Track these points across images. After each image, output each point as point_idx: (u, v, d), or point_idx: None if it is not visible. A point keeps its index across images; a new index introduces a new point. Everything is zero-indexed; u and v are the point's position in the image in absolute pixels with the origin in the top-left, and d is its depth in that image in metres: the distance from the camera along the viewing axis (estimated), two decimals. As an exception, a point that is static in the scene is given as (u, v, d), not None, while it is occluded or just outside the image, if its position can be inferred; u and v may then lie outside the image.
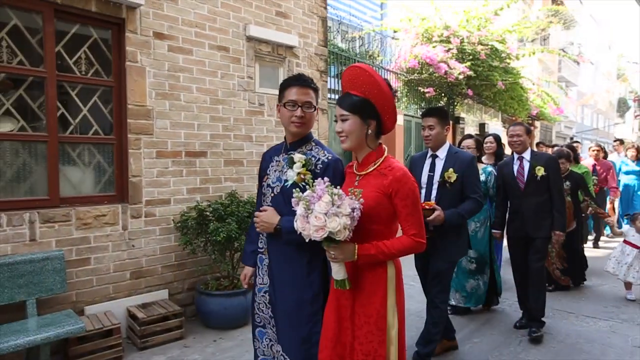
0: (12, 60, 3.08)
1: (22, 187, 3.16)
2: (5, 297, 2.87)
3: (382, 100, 1.76)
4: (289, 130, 1.99)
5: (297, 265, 1.93)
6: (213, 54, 4.06)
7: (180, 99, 3.85)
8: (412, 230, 1.72)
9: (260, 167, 2.17)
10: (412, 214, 1.72)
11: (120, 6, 3.44)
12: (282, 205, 1.91)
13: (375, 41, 9.08)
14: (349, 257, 1.68)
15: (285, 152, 2.03)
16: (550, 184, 3.57)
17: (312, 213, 1.58)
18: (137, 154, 3.59)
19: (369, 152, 1.82)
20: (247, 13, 4.31)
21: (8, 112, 3.11)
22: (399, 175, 1.72)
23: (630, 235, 4.60)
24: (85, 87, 3.43)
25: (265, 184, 2.05)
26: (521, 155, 3.68)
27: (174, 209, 3.83)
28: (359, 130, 1.78)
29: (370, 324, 1.73)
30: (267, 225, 1.92)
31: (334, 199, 1.58)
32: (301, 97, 1.93)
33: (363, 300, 1.76)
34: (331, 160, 1.94)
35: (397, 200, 1.72)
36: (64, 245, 3.22)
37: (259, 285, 2.08)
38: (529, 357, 3.22)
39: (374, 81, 1.73)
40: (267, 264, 2.03)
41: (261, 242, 2.08)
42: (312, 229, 1.58)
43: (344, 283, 1.72)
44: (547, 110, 13.10)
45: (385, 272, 1.76)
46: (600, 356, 3.22)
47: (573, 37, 24.95)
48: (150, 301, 3.63)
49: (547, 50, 11.71)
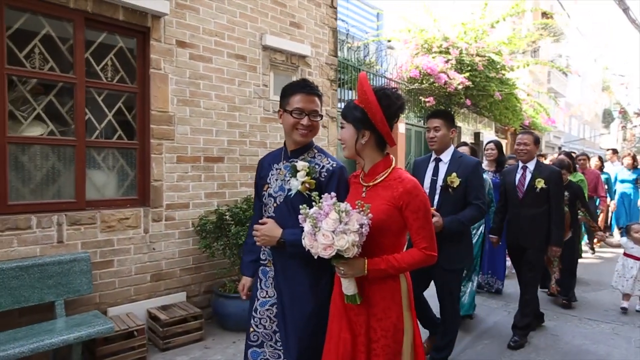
0: (44, 67, 3.16)
1: (50, 190, 3.22)
2: (35, 298, 2.92)
3: (371, 110, 1.70)
4: (292, 138, 1.93)
5: (305, 276, 1.87)
6: (231, 62, 4.18)
7: (200, 106, 3.95)
8: (423, 244, 1.69)
9: (257, 174, 2.10)
10: (423, 227, 1.69)
11: (146, 15, 3.54)
12: (286, 216, 1.86)
13: (376, 51, 9.29)
14: (359, 272, 1.65)
15: (286, 159, 1.97)
16: (550, 197, 3.53)
17: (319, 231, 1.55)
18: (159, 158, 3.68)
19: (376, 162, 1.77)
20: (263, 23, 4.44)
21: (38, 116, 3.18)
22: (410, 187, 1.69)
23: (629, 248, 4.52)
24: (111, 93, 3.51)
25: (266, 194, 1.97)
26: (525, 164, 3.66)
27: (192, 213, 3.91)
28: (352, 139, 1.75)
29: (387, 338, 1.71)
30: (268, 239, 1.85)
31: (342, 216, 1.54)
32: (308, 105, 1.87)
33: (379, 314, 1.73)
34: (336, 168, 1.90)
35: (407, 213, 1.68)
36: (89, 247, 3.28)
37: (260, 299, 1.98)
38: (539, 357, 3.36)
39: (362, 90, 1.70)
40: (272, 276, 1.96)
41: (263, 254, 2.01)
42: (320, 247, 1.55)
43: (354, 298, 1.69)
44: (539, 120, 13.43)
45: (398, 285, 1.74)
46: (606, 357, 3.37)
47: (561, 50, 25.59)
48: (169, 303, 3.70)
49: (541, 62, 12.06)
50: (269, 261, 1.97)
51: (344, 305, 1.77)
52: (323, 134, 5.17)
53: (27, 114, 3.10)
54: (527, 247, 3.56)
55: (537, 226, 3.54)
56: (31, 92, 3.12)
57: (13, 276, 2.84)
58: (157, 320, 3.45)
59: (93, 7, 3.25)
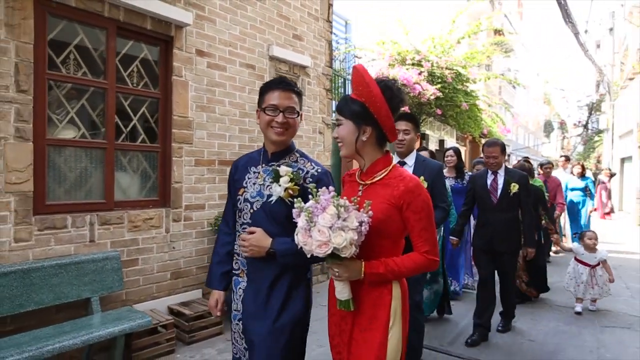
0: (77, 72, 3.27)
1: (82, 190, 3.32)
2: (74, 294, 3.03)
3: (374, 104, 1.57)
4: (269, 138, 1.81)
5: (281, 284, 1.76)
6: (242, 71, 4.42)
7: (216, 112, 4.16)
8: (425, 247, 1.55)
9: (231, 176, 1.95)
10: (426, 229, 1.55)
11: (170, 25, 3.72)
12: (265, 223, 1.75)
13: (344, 60, 9.80)
14: (355, 275, 1.52)
15: (265, 163, 1.85)
16: (521, 200, 3.70)
17: (314, 226, 1.43)
18: (179, 161, 3.85)
19: (375, 160, 1.64)
20: (270, 35, 4.72)
21: (70, 120, 3.28)
22: (412, 186, 1.56)
23: (580, 254, 4.66)
24: (136, 98, 3.66)
25: (241, 198, 1.83)
26: (496, 171, 3.77)
27: (207, 214, 4.10)
28: (352, 136, 1.61)
29: (370, 353, 1.53)
30: (257, 249, 1.72)
31: (340, 211, 1.43)
32: (283, 102, 1.76)
33: (363, 324, 1.58)
34: (321, 174, 1.80)
35: (409, 214, 1.54)
36: (117, 246, 3.41)
37: (233, 312, 1.85)
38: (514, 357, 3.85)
39: (363, 81, 1.56)
40: (243, 288, 1.82)
41: (236, 263, 1.86)
42: (314, 244, 1.42)
43: (348, 304, 1.56)
44: (495, 129, 14.48)
45: (389, 292, 1.57)
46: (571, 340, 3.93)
47: (510, 64, 27.49)
48: (187, 300, 3.87)
49: (504, 77, 13.10)
50: (242, 271, 1.83)
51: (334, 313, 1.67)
52: (319, 139, 5.50)
53: (62, 117, 3.20)
54: (502, 252, 3.67)
55: (511, 230, 3.69)
56: (65, 96, 3.22)
57: (53, 274, 2.94)
58: (180, 315, 3.61)
59: (124, 17, 3.40)
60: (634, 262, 7.31)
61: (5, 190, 2.81)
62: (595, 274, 4.51)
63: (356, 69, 1.59)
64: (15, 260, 2.86)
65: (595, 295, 4.56)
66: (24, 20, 2.86)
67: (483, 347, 3.64)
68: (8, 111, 2.81)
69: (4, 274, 2.73)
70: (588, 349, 3.65)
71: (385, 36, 10.26)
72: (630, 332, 4.09)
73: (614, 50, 18.43)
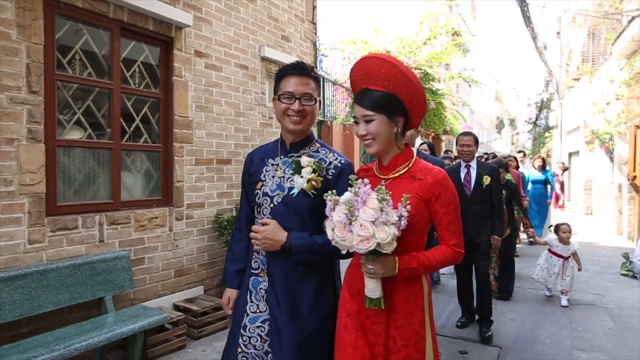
0: (83, 73, 3.26)
1: (90, 191, 3.32)
2: (88, 294, 3.05)
3: (411, 95, 1.54)
4: (285, 127, 1.71)
5: (307, 288, 1.68)
6: (237, 71, 4.51)
7: (213, 112, 4.24)
8: (453, 240, 1.54)
9: (246, 171, 1.85)
10: (453, 222, 1.54)
11: (171, 26, 3.77)
12: (287, 217, 1.66)
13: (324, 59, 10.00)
14: (390, 271, 1.47)
15: (284, 154, 1.76)
16: (492, 192, 3.83)
17: (356, 220, 1.37)
18: (181, 161, 3.91)
19: (398, 152, 1.60)
20: (261, 36, 4.83)
21: (76, 120, 3.27)
22: (441, 178, 1.53)
23: (554, 246, 4.81)
24: (138, 98, 3.68)
25: (259, 192, 1.73)
26: (469, 163, 3.88)
27: (207, 212, 4.18)
28: (387, 131, 1.55)
29: (409, 347, 1.53)
30: (271, 242, 1.63)
31: (383, 205, 1.37)
32: (300, 88, 1.65)
33: (400, 321, 1.55)
34: (345, 165, 1.71)
35: (437, 207, 1.52)
36: (125, 245, 3.44)
37: (250, 314, 1.71)
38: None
39: (400, 73, 1.51)
40: (265, 288, 1.71)
41: (256, 262, 1.75)
42: (355, 240, 1.36)
43: (379, 302, 1.50)
44: (457, 126, 15.19)
45: (421, 288, 1.58)
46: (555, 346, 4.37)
47: (466, 64, 28.77)
48: (191, 297, 3.94)
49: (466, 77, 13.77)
50: (262, 270, 1.73)
51: (358, 312, 1.59)
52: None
53: (68, 118, 3.19)
54: (479, 242, 3.78)
55: (486, 220, 3.81)
56: (72, 97, 3.20)
57: (68, 274, 2.95)
58: (187, 311, 3.69)
59: (128, 18, 3.42)
60: (587, 247, 8.01)
61: (20, 192, 2.79)
62: (567, 266, 4.69)
63: (387, 61, 1.51)
64: (30, 262, 2.85)
65: (565, 287, 4.69)
66: (35, 20, 2.84)
67: (472, 328, 3.98)
68: (21, 112, 2.79)
69: (22, 275, 2.72)
70: (562, 324, 4.08)
71: (355, 36, 10.55)
72: (594, 308, 4.58)
73: (561, 53, 19.78)
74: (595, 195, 12.87)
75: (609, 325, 4.11)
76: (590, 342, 3.69)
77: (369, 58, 1.54)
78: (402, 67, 1.51)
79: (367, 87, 1.57)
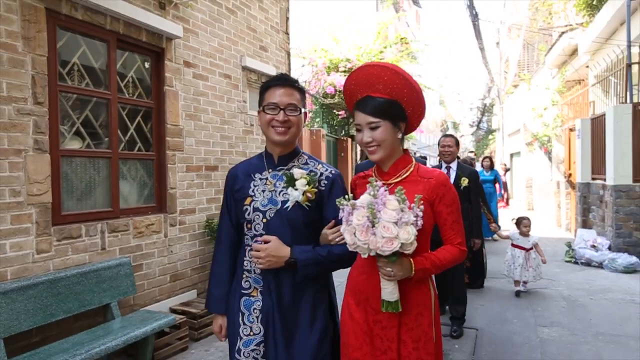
0: (82, 83, 3.30)
1: (91, 199, 3.36)
2: (95, 300, 3.10)
3: (413, 100, 1.58)
4: (270, 138, 1.69)
5: (303, 302, 1.66)
6: (221, 80, 4.66)
7: (201, 120, 4.37)
8: (458, 239, 1.58)
9: (229, 188, 1.79)
10: (457, 221, 1.59)
11: (162, 37, 3.87)
12: (281, 231, 1.63)
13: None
14: (407, 273, 1.48)
15: (272, 168, 1.73)
16: (471, 194, 3.99)
17: (379, 222, 1.38)
18: (173, 168, 4.01)
19: (399, 157, 1.64)
20: (242, 46, 5.01)
21: (75, 131, 3.30)
22: (443, 179, 1.58)
23: (516, 239, 5.07)
24: (132, 108, 3.75)
25: (249, 208, 1.68)
26: (449, 165, 4.06)
27: (198, 217, 4.30)
28: (392, 137, 1.58)
29: (419, 350, 1.54)
30: (275, 260, 1.59)
31: (403, 206, 1.39)
32: (284, 99, 1.65)
33: (410, 323, 1.55)
34: (335, 175, 1.73)
35: (442, 207, 1.56)
36: (125, 252, 3.50)
37: (244, 338, 1.66)
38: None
39: (402, 80, 1.54)
40: (259, 308, 1.66)
41: (246, 281, 1.70)
42: (380, 242, 1.37)
43: (397, 305, 1.50)
44: (409, 130, 16.01)
45: (429, 289, 1.61)
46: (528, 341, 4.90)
47: (413, 70, 30.15)
48: (186, 301, 4.04)
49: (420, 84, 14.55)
50: (255, 289, 1.68)
51: (366, 320, 1.59)
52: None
53: (68, 128, 3.22)
54: None
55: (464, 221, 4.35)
56: (71, 107, 3.24)
57: (76, 282, 2.99)
58: (185, 314, 3.79)
59: (124, 29, 3.50)
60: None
61: (28, 202, 2.81)
62: (529, 257, 4.99)
63: (390, 69, 1.54)
64: (38, 272, 2.87)
65: (529, 278, 4.97)
66: (39, 33, 2.87)
67: (447, 314, 4.38)
68: (27, 123, 2.81)
69: (34, 285, 2.75)
70: (525, 307, 4.61)
71: (315, 44, 10.92)
72: (549, 291, 5.20)
73: (500, 61, 21.37)
74: (535, 192, 14.07)
75: (562, 304, 4.71)
76: (549, 319, 4.23)
77: (370, 66, 1.58)
78: (405, 74, 1.55)
79: (369, 94, 1.59)
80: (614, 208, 6.71)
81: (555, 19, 12.43)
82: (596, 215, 7.75)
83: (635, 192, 6.57)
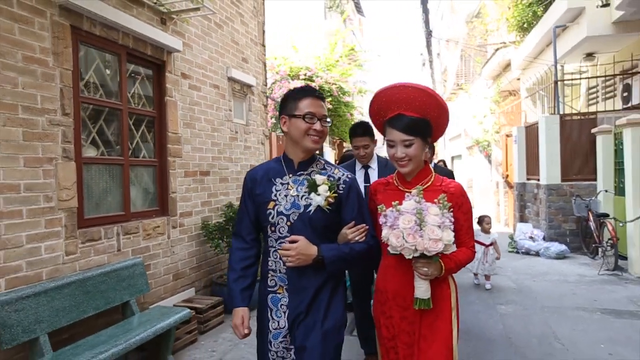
0: (96, 95, 3.50)
1: (107, 204, 3.55)
2: (117, 298, 3.32)
3: (441, 119, 1.77)
4: (303, 146, 1.75)
5: (322, 295, 1.76)
6: (211, 90, 4.96)
7: (195, 128, 4.64)
8: (471, 242, 1.78)
9: (249, 191, 1.85)
10: (471, 227, 1.77)
11: (163, 50, 4.12)
12: (305, 233, 1.71)
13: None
14: (438, 272, 1.64)
15: (292, 173, 1.81)
16: None
17: (426, 225, 1.52)
18: (174, 173, 4.26)
19: (422, 168, 1.79)
20: (227, 58, 5.33)
21: (91, 139, 3.49)
22: (461, 189, 1.76)
23: (477, 235, 5.24)
24: (138, 117, 3.96)
25: (273, 212, 1.76)
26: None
27: (195, 220, 4.57)
28: (421, 152, 1.75)
29: (438, 343, 1.66)
30: (304, 257, 1.68)
31: (443, 211, 1.55)
32: (320, 110, 1.75)
33: (430, 319, 1.69)
34: (352, 180, 1.82)
35: (459, 214, 1.72)
36: (137, 253, 3.72)
37: (273, 331, 1.77)
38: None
39: (435, 101, 1.72)
40: (285, 304, 1.76)
41: (272, 280, 1.80)
42: (427, 243, 1.51)
43: (429, 302, 1.64)
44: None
45: (449, 287, 1.75)
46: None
47: (360, 76, 31.34)
48: (186, 298, 4.30)
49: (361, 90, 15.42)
50: (281, 287, 1.78)
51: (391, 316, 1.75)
52: (262, 150, 6.25)
53: (85, 137, 3.40)
54: None
55: None
56: (88, 117, 3.42)
57: (101, 281, 3.20)
58: (191, 309, 4.05)
59: (133, 44, 3.73)
60: (479, 234, 9.86)
61: (58, 207, 2.99)
62: (487, 252, 5.38)
63: (424, 90, 1.71)
64: (67, 272, 3.05)
65: (485, 271, 5.41)
66: (65, 48, 3.07)
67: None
68: (57, 133, 3.00)
69: (67, 284, 2.94)
70: (483, 290, 5.36)
71: (275, 52, 11.32)
72: (500, 277, 5.98)
73: (441, 71, 22.98)
74: (476, 192, 15.42)
75: (513, 286, 5.52)
76: (505, 298, 4.99)
77: (407, 88, 1.72)
78: (437, 96, 1.73)
79: (401, 112, 1.74)
80: (546, 204, 7.78)
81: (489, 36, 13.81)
82: (531, 210, 8.85)
83: (564, 189, 7.67)
